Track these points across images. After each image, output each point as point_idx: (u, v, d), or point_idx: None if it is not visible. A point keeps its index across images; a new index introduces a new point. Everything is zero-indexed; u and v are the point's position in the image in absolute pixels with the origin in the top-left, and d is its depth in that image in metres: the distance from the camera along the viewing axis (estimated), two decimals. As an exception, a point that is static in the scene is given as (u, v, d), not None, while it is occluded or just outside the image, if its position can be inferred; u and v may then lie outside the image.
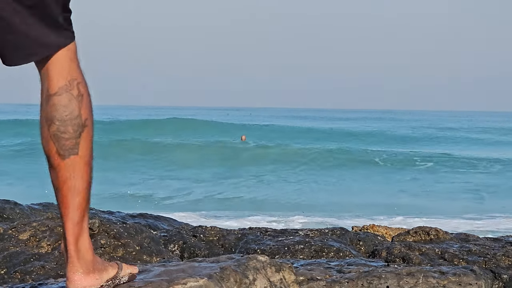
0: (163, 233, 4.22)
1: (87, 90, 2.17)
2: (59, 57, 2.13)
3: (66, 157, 2.12)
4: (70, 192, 2.13)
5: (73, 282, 2.17)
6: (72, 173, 2.13)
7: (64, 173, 2.12)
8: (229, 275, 2.41)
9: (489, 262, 3.82)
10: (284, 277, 2.63)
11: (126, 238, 3.64)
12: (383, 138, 40.36)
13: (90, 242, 2.19)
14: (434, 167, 25.60)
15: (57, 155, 2.12)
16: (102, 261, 2.25)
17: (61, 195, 2.15)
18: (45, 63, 2.14)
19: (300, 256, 3.89)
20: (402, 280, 3.05)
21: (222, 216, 13.92)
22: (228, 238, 4.19)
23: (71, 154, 2.12)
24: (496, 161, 27.69)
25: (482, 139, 42.38)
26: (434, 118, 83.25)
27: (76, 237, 2.17)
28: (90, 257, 2.19)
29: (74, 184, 2.13)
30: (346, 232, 4.33)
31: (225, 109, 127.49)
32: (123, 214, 4.81)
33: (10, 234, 3.62)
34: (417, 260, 3.75)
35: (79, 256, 2.17)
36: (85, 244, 2.18)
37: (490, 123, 69.44)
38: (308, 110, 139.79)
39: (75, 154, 2.12)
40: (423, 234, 4.19)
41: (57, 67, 2.15)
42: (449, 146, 37.42)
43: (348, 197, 17.96)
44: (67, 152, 2.11)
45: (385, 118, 79.70)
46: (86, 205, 2.17)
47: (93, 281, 2.18)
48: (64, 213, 2.15)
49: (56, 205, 4.07)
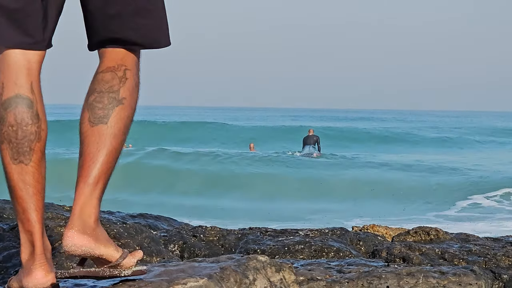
0: (163, 233, 4.22)
1: (135, 79, 2.25)
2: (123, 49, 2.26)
3: (95, 125, 2.17)
4: (89, 156, 2.17)
5: (66, 238, 2.15)
6: (98, 139, 2.18)
7: (90, 139, 2.17)
8: (229, 275, 2.41)
9: (489, 262, 3.82)
10: (284, 277, 2.63)
11: (126, 238, 3.64)
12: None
13: (98, 211, 2.17)
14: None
15: (88, 122, 2.18)
16: (108, 238, 2.23)
17: (82, 160, 2.18)
18: (105, 50, 2.26)
19: (300, 256, 3.89)
20: (402, 280, 3.05)
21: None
22: (228, 238, 4.19)
23: (100, 123, 2.18)
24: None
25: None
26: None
27: (84, 198, 2.17)
28: (92, 222, 2.18)
29: (97, 149, 2.17)
30: (346, 232, 4.33)
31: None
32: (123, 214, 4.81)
33: (10, 234, 3.62)
34: (417, 260, 3.75)
35: (81, 216, 2.16)
36: (91, 208, 2.17)
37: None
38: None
39: (103, 124, 2.18)
40: (423, 234, 4.19)
41: (113, 53, 2.26)
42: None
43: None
44: (97, 120, 2.17)
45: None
46: (103, 174, 2.18)
47: (86, 242, 2.15)
48: (80, 174, 2.18)
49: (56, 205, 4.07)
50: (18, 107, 2.13)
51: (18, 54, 2.15)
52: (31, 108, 2.14)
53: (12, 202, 2.17)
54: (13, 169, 2.13)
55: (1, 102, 2.14)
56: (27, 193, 2.13)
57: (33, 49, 2.16)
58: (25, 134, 2.13)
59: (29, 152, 2.13)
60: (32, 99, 2.14)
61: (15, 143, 2.12)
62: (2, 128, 2.13)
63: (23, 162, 2.12)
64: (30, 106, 2.14)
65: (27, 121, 2.13)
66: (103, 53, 2.26)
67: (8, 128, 2.13)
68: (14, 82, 2.14)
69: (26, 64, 2.16)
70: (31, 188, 2.13)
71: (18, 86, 2.14)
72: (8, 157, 2.13)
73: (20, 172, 2.13)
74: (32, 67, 2.16)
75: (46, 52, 2.22)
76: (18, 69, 2.15)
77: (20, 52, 2.15)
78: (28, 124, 2.13)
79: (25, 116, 2.13)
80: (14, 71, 2.14)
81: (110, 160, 2.18)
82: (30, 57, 2.16)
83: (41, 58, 2.19)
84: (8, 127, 2.13)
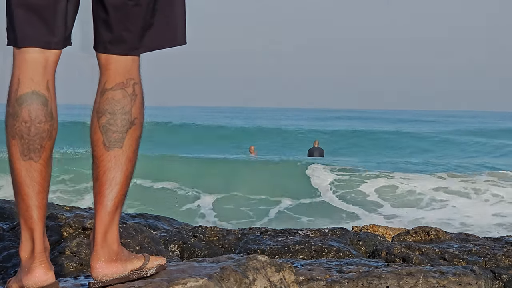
0: (163, 233, 4.22)
1: (142, 92, 2.24)
2: (125, 56, 2.21)
3: (110, 149, 2.17)
4: (108, 182, 2.18)
5: (95, 270, 2.20)
6: (114, 165, 2.18)
7: (106, 164, 2.17)
8: (229, 275, 2.41)
9: (489, 262, 3.82)
10: (284, 277, 2.63)
11: (126, 238, 3.64)
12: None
13: (118, 234, 2.22)
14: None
15: (103, 146, 2.17)
16: (129, 253, 2.28)
17: (98, 184, 2.19)
18: (110, 58, 2.21)
19: (300, 256, 3.89)
20: (402, 280, 3.05)
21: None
22: (228, 238, 4.19)
23: (115, 147, 2.18)
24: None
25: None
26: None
27: (106, 227, 2.20)
28: (115, 248, 2.22)
29: (114, 175, 2.18)
30: (346, 232, 4.33)
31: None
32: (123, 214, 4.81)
33: (10, 234, 3.62)
34: (417, 260, 3.75)
35: (104, 245, 2.20)
36: (113, 235, 2.22)
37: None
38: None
39: (119, 148, 2.18)
40: (423, 234, 4.19)
41: (119, 64, 2.21)
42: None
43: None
44: (112, 144, 2.17)
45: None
46: (121, 199, 2.21)
47: (116, 269, 2.20)
48: (98, 201, 2.19)
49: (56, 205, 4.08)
50: (33, 104, 2.12)
51: (37, 51, 2.13)
52: (46, 106, 2.14)
53: (15, 198, 2.17)
54: (21, 166, 2.12)
55: (16, 97, 2.13)
56: (33, 190, 2.13)
57: (53, 48, 2.15)
58: (38, 131, 2.12)
59: (40, 149, 2.12)
60: (47, 97, 2.14)
61: (27, 139, 2.12)
62: (15, 123, 2.12)
63: (32, 159, 2.12)
64: (45, 104, 2.13)
65: (41, 119, 2.13)
66: (107, 62, 2.21)
67: (21, 124, 2.12)
68: (31, 79, 2.13)
69: (43, 62, 2.15)
70: (37, 186, 2.13)
71: (35, 83, 2.13)
72: (18, 153, 2.12)
73: (29, 169, 2.12)
74: (49, 66, 2.16)
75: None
76: (35, 66, 2.13)
77: (39, 50, 2.14)
78: (42, 121, 2.13)
79: (39, 114, 2.12)
80: (31, 68, 2.13)
81: (127, 183, 2.21)
82: (48, 55, 2.15)
83: (58, 57, 2.18)
84: (21, 123, 2.11)
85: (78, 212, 3.89)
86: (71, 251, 3.39)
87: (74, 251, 3.39)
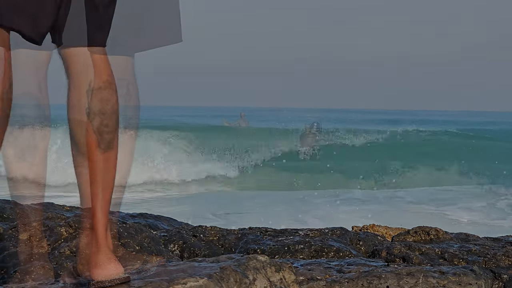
0: (163, 233, 4.22)
1: (136, 92, 2.29)
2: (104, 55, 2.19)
3: (105, 151, 2.18)
4: (103, 184, 2.19)
5: (95, 271, 2.20)
6: (110, 168, 2.19)
7: (101, 166, 2.18)
8: (229, 275, 2.41)
9: (489, 262, 3.82)
10: (284, 277, 2.63)
11: (126, 238, 3.64)
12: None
13: (116, 234, 2.25)
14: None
15: (97, 148, 2.17)
16: (129, 253, 2.29)
17: (95, 187, 2.20)
18: (90, 57, 2.16)
19: (300, 256, 3.89)
20: (402, 280, 3.05)
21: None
22: (228, 238, 4.19)
23: (109, 148, 2.19)
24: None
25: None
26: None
27: (105, 228, 2.22)
28: (115, 248, 2.23)
29: (108, 177, 2.20)
30: (346, 232, 4.33)
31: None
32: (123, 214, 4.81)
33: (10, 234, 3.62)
34: (417, 260, 3.75)
35: (104, 245, 2.21)
36: (109, 235, 2.23)
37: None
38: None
39: (111, 149, 2.19)
40: (423, 234, 4.19)
41: (103, 62, 2.18)
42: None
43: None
44: (106, 146, 2.18)
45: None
46: (120, 200, 2.24)
47: (115, 270, 2.21)
48: (95, 204, 2.20)
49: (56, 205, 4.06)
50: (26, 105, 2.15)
51: (29, 52, 2.14)
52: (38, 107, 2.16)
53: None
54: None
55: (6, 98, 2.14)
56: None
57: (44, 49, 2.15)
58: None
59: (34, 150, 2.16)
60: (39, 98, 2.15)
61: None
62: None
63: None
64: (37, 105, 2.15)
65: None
66: (98, 62, 2.15)
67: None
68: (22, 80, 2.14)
69: (35, 63, 2.15)
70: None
71: (27, 84, 2.14)
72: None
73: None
74: (41, 67, 2.16)
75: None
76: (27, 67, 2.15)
77: (31, 51, 2.14)
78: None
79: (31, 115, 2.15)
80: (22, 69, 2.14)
81: (123, 184, 2.22)
82: (40, 56, 2.16)
83: (49, 58, 2.19)
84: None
85: (78, 212, 3.89)
86: (71, 251, 3.39)
87: (74, 251, 3.39)
